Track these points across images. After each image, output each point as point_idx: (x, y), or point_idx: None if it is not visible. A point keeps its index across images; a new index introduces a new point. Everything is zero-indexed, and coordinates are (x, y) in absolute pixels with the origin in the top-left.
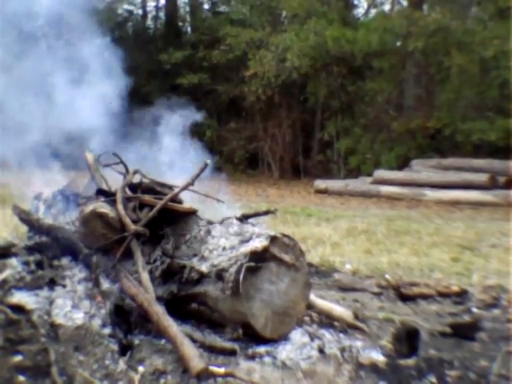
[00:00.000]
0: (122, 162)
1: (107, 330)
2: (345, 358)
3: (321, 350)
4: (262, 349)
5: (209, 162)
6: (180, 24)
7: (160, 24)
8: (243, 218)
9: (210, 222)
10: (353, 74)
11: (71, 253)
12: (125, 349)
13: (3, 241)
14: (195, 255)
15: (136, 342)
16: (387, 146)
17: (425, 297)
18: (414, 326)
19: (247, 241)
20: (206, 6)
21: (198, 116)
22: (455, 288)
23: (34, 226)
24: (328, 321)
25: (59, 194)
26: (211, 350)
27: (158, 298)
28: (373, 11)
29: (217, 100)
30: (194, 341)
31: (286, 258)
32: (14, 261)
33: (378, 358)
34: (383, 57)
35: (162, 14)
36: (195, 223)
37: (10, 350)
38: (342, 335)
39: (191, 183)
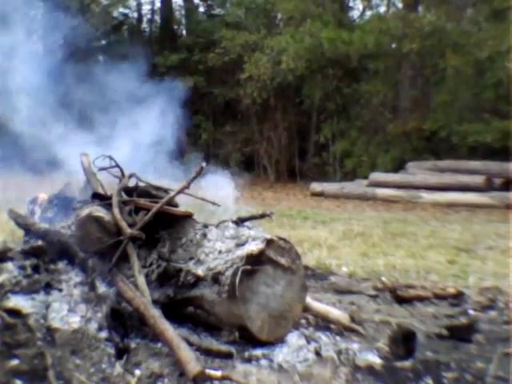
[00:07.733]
0: (117, 165)
1: (104, 334)
2: (341, 361)
3: (317, 353)
4: (258, 352)
5: (204, 165)
6: (175, 27)
7: (155, 27)
8: (239, 221)
9: (205, 226)
10: (348, 76)
11: (67, 257)
12: (121, 352)
13: None
14: (191, 258)
15: (132, 345)
16: (383, 148)
17: (421, 299)
18: (410, 328)
19: (243, 244)
20: (202, 9)
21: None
22: (451, 290)
23: (30, 230)
24: (324, 323)
25: (55, 198)
26: (208, 353)
27: (155, 302)
28: (368, 13)
29: (212, 103)
30: (190, 344)
31: (282, 260)
32: (10, 265)
33: (375, 360)
34: (378, 59)
35: (157, 18)
36: (191, 227)
37: (7, 354)
38: (338, 338)
39: (187, 186)
